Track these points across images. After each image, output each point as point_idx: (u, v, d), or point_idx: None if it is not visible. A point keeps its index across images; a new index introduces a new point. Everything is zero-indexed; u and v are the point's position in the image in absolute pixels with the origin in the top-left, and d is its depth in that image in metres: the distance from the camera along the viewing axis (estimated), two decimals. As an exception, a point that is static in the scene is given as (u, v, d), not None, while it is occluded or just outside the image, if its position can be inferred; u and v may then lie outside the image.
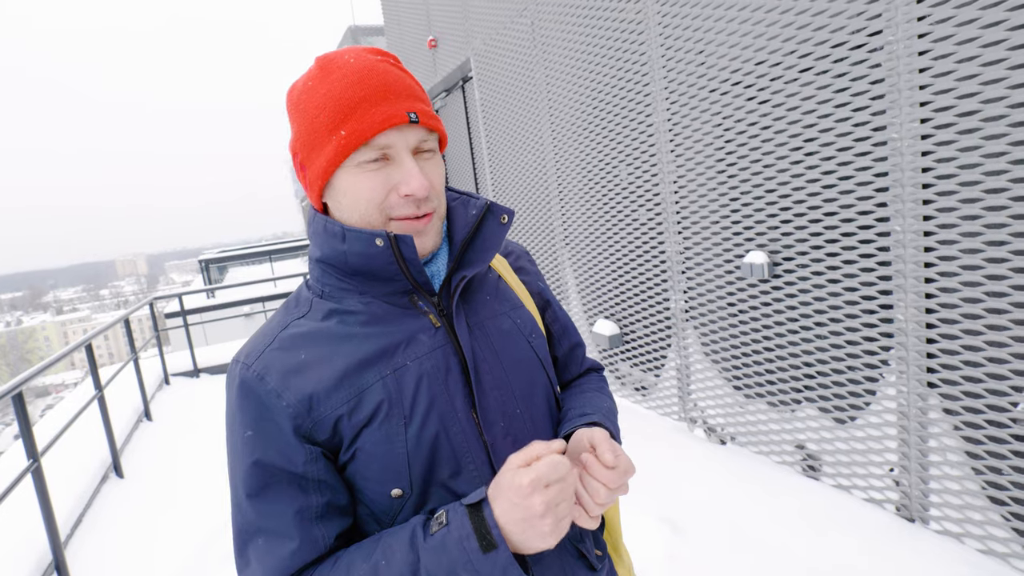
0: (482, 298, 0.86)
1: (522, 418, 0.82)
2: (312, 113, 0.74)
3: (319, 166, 0.75)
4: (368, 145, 0.72)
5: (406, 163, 0.74)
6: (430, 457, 0.74)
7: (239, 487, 0.74)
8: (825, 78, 2.35)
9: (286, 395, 0.73)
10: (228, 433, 0.77)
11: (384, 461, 0.73)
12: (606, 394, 0.99)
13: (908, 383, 2.26)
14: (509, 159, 5.12)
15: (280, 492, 0.72)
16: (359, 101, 0.72)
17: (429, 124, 0.76)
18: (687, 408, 3.54)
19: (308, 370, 0.74)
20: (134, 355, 5.16)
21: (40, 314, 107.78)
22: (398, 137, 0.73)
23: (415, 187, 0.73)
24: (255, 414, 0.73)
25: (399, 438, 0.73)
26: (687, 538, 2.53)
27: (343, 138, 0.72)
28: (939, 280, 2.12)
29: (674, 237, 3.32)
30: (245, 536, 0.74)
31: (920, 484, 2.30)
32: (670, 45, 3.07)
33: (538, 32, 4.25)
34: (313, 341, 0.76)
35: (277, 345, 0.76)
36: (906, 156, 2.13)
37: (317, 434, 0.73)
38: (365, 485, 0.75)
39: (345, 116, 0.72)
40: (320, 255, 0.78)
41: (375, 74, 0.74)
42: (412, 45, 6.91)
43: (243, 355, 0.77)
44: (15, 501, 3.16)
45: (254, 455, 0.73)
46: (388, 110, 0.72)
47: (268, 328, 0.80)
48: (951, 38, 1.94)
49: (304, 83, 0.77)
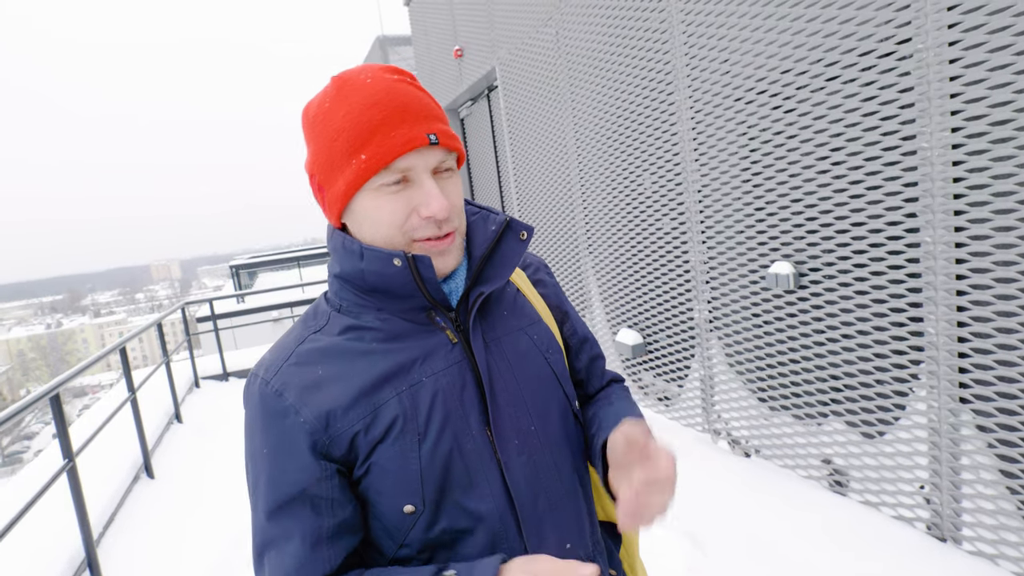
0: (499, 313, 0.85)
1: (537, 435, 0.81)
2: (331, 135, 0.73)
3: (338, 189, 0.74)
4: (388, 169, 0.72)
5: (426, 184, 0.73)
6: (443, 474, 0.75)
7: (258, 502, 0.76)
8: (853, 86, 2.32)
9: (304, 412, 0.74)
10: (247, 447, 0.78)
11: (397, 477, 0.74)
12: (633, 404, 0.98)
13: (939, 398, 2.20)
14: (533, 167, 5.13)
15: (294, 511, 0.74)
16: (378, 124, 0.71)
17: (448, 144, 0.75)
18: (711, 419, 3.49)
19: (325, 386, 0.75)
20: (166, 358, 5.29)
21: (79, 317, 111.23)
22: (418, 159, 0.73)
23: (436, 209, 0.73)
24: (273, 431, 0.75)
25: (413, 454, 0.74)
26: (708, 552, 2.49)
27: (363, 162, 0.71)
28: (972, 293, 2.06)
29: (698, 246, 3.29)
30: (261, 548, 0.76)
31: (952, 502, 2.23)
32: (694, 54, 3.06)
33: (562, 41, 4.27)
34: (330, 357, 0.77)
35: (295, 360, 0.77)
36: (936, 165, 2.08)
37: (333, 450, 0.74)
38: (378, 500, 0.76)
39: (365, 140, 0.71)
40: (339, 271, 0.79)
41: (393, 95, 0.73)
42: (439, 55, 6.99)
43: (262, 370, 0.78)
44: (52, 499, 3.26)
45: (271, 471, 0.74)
46: (408, 133, 0.72)
47: (286, 342, 0.81)
48: (983, 46, 1.90)
49: (320, 104, 0.76)
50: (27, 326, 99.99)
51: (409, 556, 0.78)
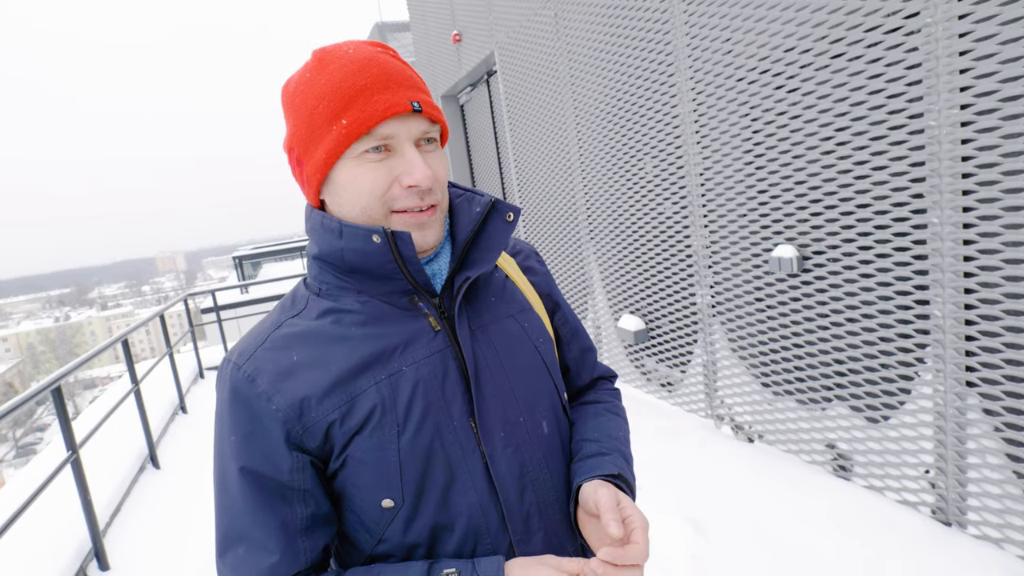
0: (487, 299, 0.82)
1: (525, 427, 0.79)
2: (311, 104, 0.71)
3: (318, 159, 0.72)
4: (370, 135, 0.69)
5: (408, 153, 0.71)
6: (423, 467, 0.72)
7: (223, 491, 0.73)
8: (858, 64, 2.26)
9: (276, 399, 0.71)
10: (216, 433, 0.76)
11: (375, 469, 0.71)
12: (620, 414, 0.94)
13: (945, 382, 2.17)
14: (534, 152, 5.08)
15: (264, 502, 0.71)
16: (360, 90, 0.69)
17: (432, 115, 0.73)
18: (714, 405, 3.47)
19: (300, 373, 0.72)
20: (168, 350, 5.31)
21: (86, 310, 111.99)
22: (400, 127, 0.71)
23: (419, 177, 0.70)
24: (244, 418, 0.72)
25: (391, 446, 0.71)
26: (711, 539, 2.48)
27: (344, 127, 0.69)
28: (979, 275, 2.02)
29: (701, 230, 3.25)
30: (227, 542, 0.72)
31: (957, 487, 2.21)
32: (696, 33, 3.00)
33: (561, 23, 4.20)
34: (306, 342, 0.74)
35: (269, 345, 0.74)
36: (944, 144, 2.03)
37: (307, 441, 0.72)
38: (355, 493, 0.73)
39: (346, 105, 0.69)
40: (317, 251, 0.76)
41: (376, 63, 0.71)
42: (437, 40, 6.91)
43: (235, 354, 0.75)
44: (60, 490, 3.28)
45: (240, 461, 0.72)
46: (390, 99, 0.69)
47: (262, 327, 0.78)
48: (994, 18, 1.84)
49: (301, 76, 0.74)
50: (36, 320, 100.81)
51: (388, 552, 0.75)
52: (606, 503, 0.71)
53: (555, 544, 0.79)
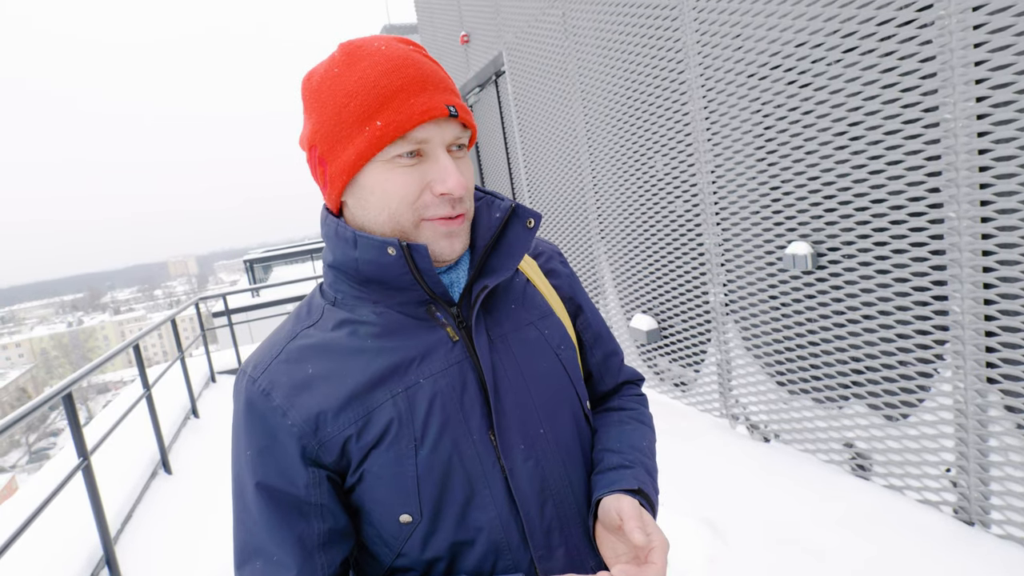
0: (506, 307, 0.79)
1: (545, 439, 0.76)
2: (340, 101, 0.67)
3: (346, 159, 0.68)
4: (404, 139, 0.66)
5: (442, 159, 0.68)
6: (442, 481, 0.70)
7: (241, 503, 0.72)
8: (871, 57, 2.23)
9: (292, 414, 0.70)
10: (233, 446, 0.74)
11: (393, 484, 0.70)
12: (645, 422, 0.91)
13: (965, 379, 2.13)
14: (543, 152, 5.06)
15: (281, 517, 0.69)
16: (397, 90, 0.66)
17: (465, 120, 0.70)
18: (728, 404, 3.44)
19: (315, 386, 0.70)
20: (180, 354, 5.33)
21: (99, 314, 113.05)
22: (436, 131, 0.68)
23: (452, 185, 0.67)
24: (259, 432, 0.71)
25: (409, 461, 0.69)
26: (728, 541, 2.45)
27: (378, 129, 0.65)
28: (999, 269, 1.98)
29: (712, 228, 3.22)
30: (244, 555, 0.71)
31: (980, 485, 2.17)
32: (705, 30, 2.97)
33: (569, 23, 4.18)
34: (322, 354, 0.72)
35: (284, 357, 0.73)
36: (961, 138, 2.00)
37: (323, 456, 0.70)
38: (373, 508, 0.72)
39: (381, 105, 0.65)
40: (332, 260, 0.74)
41: (411, 63, 0.67)
42: (445, 42, 6.91)
43: (250, 366, 0.74)
44: (71, 496, 3.29)
45: (256, 475, 0.70)
46: (428, 101, 0.66)
47: (277, 337, 0.76)
48: (1009, 9, 1.81)
49: (328, 70, 0.70)
50: (49, 324, 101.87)
51: (407, 566, 0.74)
52: (629, 511, 0.69)
53: (577, 560, 0.76)
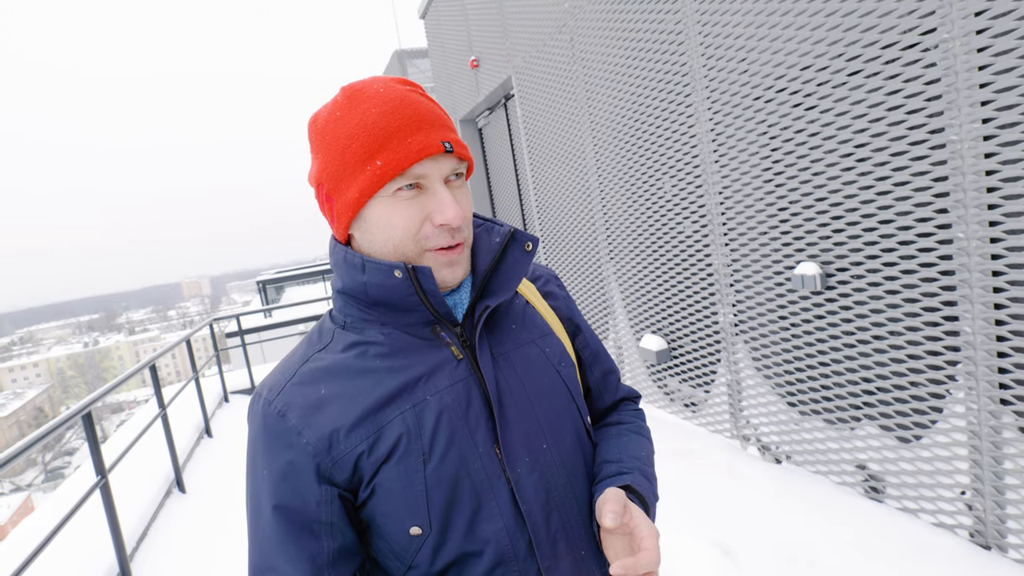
0: (507, 327, 0.84)
1: (549, 452, 0.79)
2: (343, 143, 0.73)
3: (350, 197, 0.73)
4: (403, 175, 0.72)
5: (440, 192, 0.73)
6: (450, 494, 0.73)
7: (255, 522, 0.75)
8: (876, 80, 2.26)
9: (306, 433, 0.73)
10: (248, 466, 0.77)
11: (402, 497, 0.72)
12: (643, 433, 0.94)
13: (978, 400, 2.12)
14: (552, 174, 5.12)
15: (293, 536, 0.72)
16: (394, 131, 0.71)
17: (461, 154, 0.75)
18: (739, 425, 3.41)
19: (328, 406, 0.74)
20: (195, 374, 5.39)
21: (114, 335, 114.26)
22: (433, 167, 0.73)
23: (450, 216, 0.72)
24: (275, 452, 0.74)
25: (418, 474, 0.72)
26: (739, 563, 2.43)
27: (378, 168, 0.71)
28: (1009, 289, 1.98)
29: (721, 249, 3.23)
30: (258, 573, 0.74)
31: (996, 508, 2.14)
32: (711, 53, 3.02)
33: (577, 47, 4.25)
34: (333, 375, 0.76)
35: (298, 380, 0.76)
36: (967, 159, 2.01)
37: (337, 474, 0.73)
38: (384, 522, 0.74)
39: (380, 146, 0.71)
40: (341, 286, 0.78)
41: (407, 104, 0.73)
42: (455, 66, 7.04)
43: (265, 389, 0.77)
44: (87, 514, 3.33)
45: (271, 494, 0.73)
46: (424, 140, 0.71)
47: (290, 361, 0.80)
48: (1013, 32, 1.83)
49: (331, 112, 0.75)
50: (66, 345, 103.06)
51: None
52: (609, 496, 0.73)
53: (583, 570, 0.79)
